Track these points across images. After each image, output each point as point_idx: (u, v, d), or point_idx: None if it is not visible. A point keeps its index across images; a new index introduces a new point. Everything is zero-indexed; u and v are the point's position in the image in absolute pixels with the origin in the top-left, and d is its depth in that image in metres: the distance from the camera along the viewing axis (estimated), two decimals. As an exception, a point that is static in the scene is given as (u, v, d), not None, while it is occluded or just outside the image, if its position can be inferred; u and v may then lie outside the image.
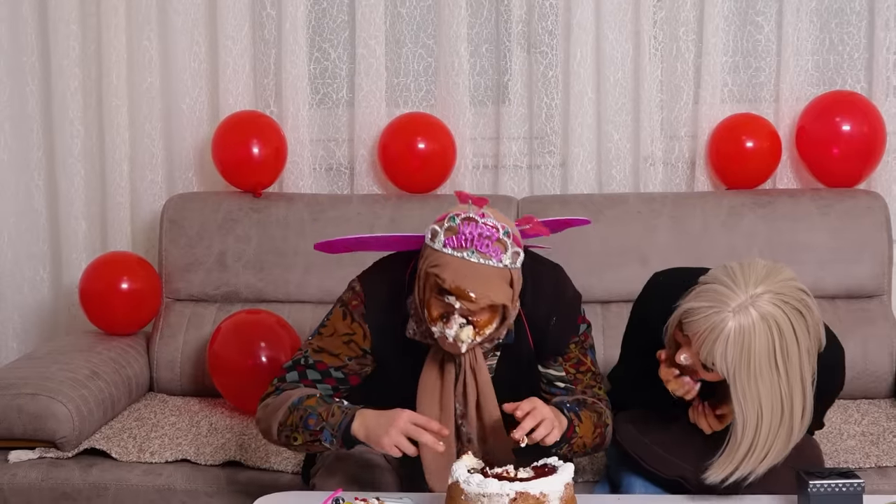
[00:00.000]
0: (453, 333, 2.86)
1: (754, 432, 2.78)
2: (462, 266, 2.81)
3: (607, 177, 4.25)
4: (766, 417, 2.77)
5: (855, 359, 3.90)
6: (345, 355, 3.05)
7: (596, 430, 3.01)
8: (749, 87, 4.25)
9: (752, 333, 2.71)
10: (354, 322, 3.04)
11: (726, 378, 2.75)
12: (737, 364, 2.72)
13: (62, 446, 3.57)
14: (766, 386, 2.74)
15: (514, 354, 3.06)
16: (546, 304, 3.04)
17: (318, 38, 4.35)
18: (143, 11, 4.32)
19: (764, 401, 2.75)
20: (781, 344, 2.73)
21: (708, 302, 2.75)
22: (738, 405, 2.76)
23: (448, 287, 2.80)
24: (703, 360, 2.77)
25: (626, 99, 4.22)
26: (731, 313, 2.72)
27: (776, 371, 2.74)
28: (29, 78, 4.42)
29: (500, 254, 2.82)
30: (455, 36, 4.21)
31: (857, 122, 4.07)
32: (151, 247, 4.34)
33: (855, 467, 3.35)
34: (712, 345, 2.72)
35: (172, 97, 4.36)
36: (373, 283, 3.07)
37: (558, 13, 4.24)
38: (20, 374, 3.71)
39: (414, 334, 3.00)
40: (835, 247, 3.97)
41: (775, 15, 4.18)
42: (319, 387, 3.05)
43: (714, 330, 2.72)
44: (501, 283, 2.84)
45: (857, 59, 4.19)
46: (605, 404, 3.11)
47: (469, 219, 2.83)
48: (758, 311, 2.71)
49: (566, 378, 3.10)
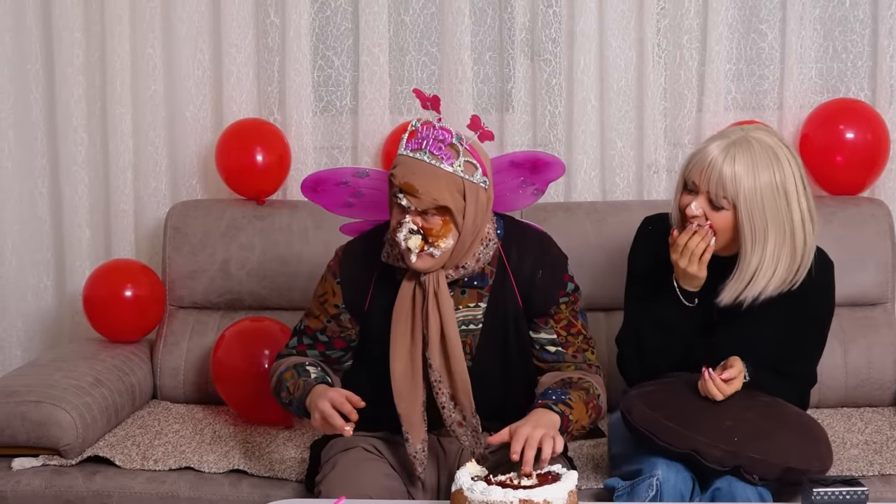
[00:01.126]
0: (403, 237, 2.97)
1: (762, 249, 3.07)
2: (413, 164, 2.96)
3: (611, 184, 4.25)
4: (770, 234, 3.06)
5: (859, 367, 3.91)
6: (324, 317, 3.22)
7: (589, 407, 3.06)
8: (753, 94, 4.25)
9: (754, 150, 3.04)
10: (327, 282, 3.22)
11: (735, 202, 3.04)
12: (742, 181, 3.03)
13: (66, 454, 3.57)
14: (769, 200, 3.04)
15: (500, 307, 3.14)
16: (531, 259, 3.15)
17: (322, 46, 4.36)
18: (146, 19, 4.33)
19: (769, 214, 3.05)
20: (779, 162, 3.06)
21: (709, 143, 3.10)
22: (748, 224, 3.05)
23: (397, 183, 2.95)
24: (712, 195, 3.06)
25: (629, 107, 4.23)
26: (731, 142, 3.07)
27: (777, 189, 3.05)
28: (33, 86, 4.43)
29: (451, 158, 2.97)
30: (458, 44, 4.21)
31: (860, 129, 4.07)
32: (155, 254, 4.35)
33: (858, 475, 3.35)
34: (720, 169, 3.04)
35: (176, 105, 4.36)
36: (353, 242, 3.26)
37: (562, 21, 4.24)
38: (24, 382, 3.71)
39: (387, 257, 3.12)
40: (838, 255, 3.91)
41: (779, 23, 4.19)
42: (310, 353, 3.24)
43: (720, 154, 3.05)
44: (450, 186, 2.96)
45: (860, 66, 4.20)
46: (594, 371, 3.19)
47: (427, 123, 3.00)
48: (754, 137, 3.07)
49: (557, 341, 3.17)
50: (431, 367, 3.09)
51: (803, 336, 3.26)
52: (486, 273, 3.12)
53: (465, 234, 3.01)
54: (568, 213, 4.02)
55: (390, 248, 3.11)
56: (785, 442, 3.05)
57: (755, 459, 3.00)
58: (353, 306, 3.18)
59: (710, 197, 3.08)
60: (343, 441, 3.22)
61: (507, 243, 3.14)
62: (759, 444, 3.02)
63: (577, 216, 4.03)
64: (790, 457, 3.03)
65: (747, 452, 3.00)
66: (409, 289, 3.08)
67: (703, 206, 3.10)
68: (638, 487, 3.05)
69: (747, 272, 3.11)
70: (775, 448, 3.03)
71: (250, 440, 3.70)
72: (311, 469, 3.31)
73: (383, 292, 3.14)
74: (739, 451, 3.00)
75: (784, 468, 3.01)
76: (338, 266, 3.21)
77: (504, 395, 3.17)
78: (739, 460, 3.00)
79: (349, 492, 2.97)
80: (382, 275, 3.15)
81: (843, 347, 3.91)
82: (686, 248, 3.11)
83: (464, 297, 3.13)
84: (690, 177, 3.11)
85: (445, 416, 3.11)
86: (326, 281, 3.23)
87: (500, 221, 3.18)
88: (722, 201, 3.06)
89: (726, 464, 3.01)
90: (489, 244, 3.10)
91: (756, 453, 3.01)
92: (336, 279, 3.20)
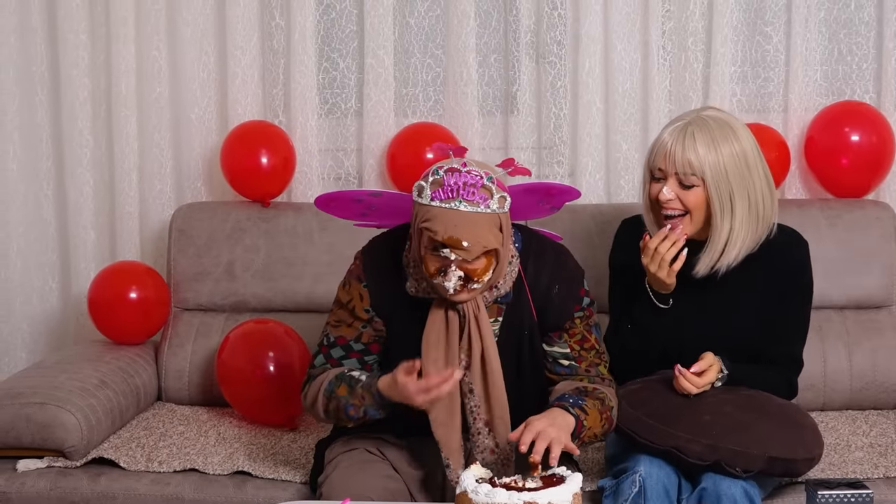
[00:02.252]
0: (452, 286, 2.93)
1: (730, 219, 3.20)
2: (452, 216, 2.89)
3: (616, 187, 4.25)
4: (737, 203, 3.20)
5: (864, 370, 3.90)
6: (358, 323, 3.14)
7: (602, 417, 3.06)
8: (758, 97, 4.24)
9: (710, 126, 3.19)
10: (353, 287, 3.15)
11: (703, 176, 3.16)
12: (705, 155, 3.16)
13: (70, 455, 3.57)
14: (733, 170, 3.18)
15: (516, 321, 3.12)
16: (548, 272, 3.13)
17: (327, 49, 4.36)
18: (152, 22, 4.33)
19: (734, 184, 3.18)
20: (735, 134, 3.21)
21: (664, 131, 3.24)
22: (716, 196, 3.18)
23: (441, 239, 2.88)
24: (681, 174, 3.18)
25: (634, 109, 4.23)
26: (686, 123, 3.21)
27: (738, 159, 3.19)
28: (38, 88, 4.43)
29: (486, 200, 2.91)
30: (464, 46, 4.21)
31: (865, 132, 4.06)
32: (160, 256, 4.35)
33: (863, 478, 3.34)
34: (683, 147, 3.17)
35: (181, 107, 4.37)
36: (371, 246, 3.20)
37: (567, 23, 4.24)
38: (29, 384, 3.71)
39: (416, 291, 3.07)
40: (843, 257, 3.96)
41: (784, 25, 4.18)
42: (346, 363, 3.14)
43: (679, 135, 3.19)
44: (492, 227, 2.92)
45: (865, 69, 4.19)
46: (607, 384, 3.17)
47: (452, 169, 2.92)
48: (707, 115, 3.23)
49: (570, 355, 3.16)
50: (472, 393, 3.06)
51: (784, 315, 3.34)
52: (509, 291, 3.10)
53: (503, 262, 2.99)
54: (573, 216, 4.01)
55: (417, 283, 3.07)
56: (765, 432, 3.10)
57: (735, 451, 3.06)
58: (385, 307, 3.13)
59: (679, 178, 3.20)
60: (345, 442, 3.23)
61: (525, 257, 3.12)
62: (737, 437, 3.07)
63: (581, 218, 4.03)
64: (770, 446, 3.07)
65: (726, 445, 3.06)
66: (440, 314, 3.04)
67: (674, 189, 3.21)
68: (622, 485, 3.10)
69: (719, 242, 3.23)
70: (755, 439, 3.07)
71: (255, 442, 3.70)
72: (315, 469, 3.31)
73: (411, 303, 3.09)
74: (718, 445, 3.07)
75: (766, 458, 3.07)
76: (362, 270, 3.15)
77: (515, 410, 3.12)
78: (719, 454, 3.06)
79: (351, 493, 2.97)
80: (407, 297, 3.10)
81: (847, 350, 3.91)
82: (657, 252, 3.20)
83: None
84: (655, 164, 3.24)
85: (479, 443, 3.09)
86: (351, 286, 3.15)
87: (517, 234, 3.15)
88: (691, 178, 3.19)
89: (706, 458, 3.07)
90: (513, 260, 3.08)
91: (735, 445, 3.06)
92: (362, 283, 3.13)
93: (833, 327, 3.95)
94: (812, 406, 3.83)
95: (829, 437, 3.62)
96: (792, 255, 3.36)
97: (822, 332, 3.91)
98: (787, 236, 3.38)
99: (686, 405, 3.17)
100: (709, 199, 3.20)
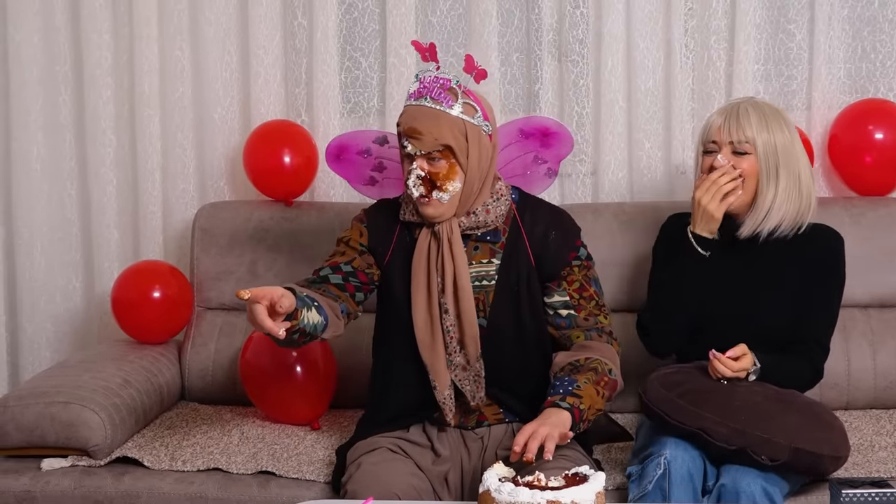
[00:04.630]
0: (412, 183, 3.13)
1: (775, 187, 3.37)
2: (415, 110, 3.16)
3: (639, 185, 4.24)
4: (782, 174, 3.37)
5: (888, 368, 3.89)
6: (350, 252, 3.32)
7: (600, 387, 3.13)
8: (781, 95, 4.23)
9: (761, 108, 3.40)
10: (353, 228, 3.36)
11: (755, 144, 3.35)
12: (757, 126, 3.35)
13: (94, 454, 3.58)
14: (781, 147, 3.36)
15: (514, 266, 3.26)
16: (544, 222, 3.31)
17: (350, 48, 4.36)
18: (174, 21, 4.34)
19: (781, 158, 3.36)
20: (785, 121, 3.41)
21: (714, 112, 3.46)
22: (764, 164, 3.36)
23: (403, 130, 3.14)
24: (735, 142, 3.36)
25: (657, 108, 4.22)
26: (737, 103, 3.43)
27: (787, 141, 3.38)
28: (62, 87, 4.45)
29: (451, 101, 3.14)
30: (486, 45, 4.21)
31: (889, 130, 4.05)
32: (183, 255, 4.36)
33: (888, 476, 3.33)
34: (738, 117, 3.37)
35: (204, 107, 4.38)
36: (375, 203, 3.44)
37: (589, 22, 4.23)
38: (53, 383, 3.72)
39: (404, 215, 3.27)
40: (867, 255, 3.94)
41: (807, 23, 4.17)
42: (331, 278, 3.26)
43: (732, 110, 3.39)
44: (451, 127, 3.13)
45: (889, 66, 4.18)
46: (605, 339, 3.27)
47: (427, 71, 3.22)
48: (757, 102, 3.44)
49: (569, 303, 3.28)
50: (447, 313, 3.19)
51: (817, 300, 3.44)
52: (498, 230, 3.25)
53: (471, 176, 3.15)
54: (596, 214, 4.01)
55: (405, 206, 3.26)
56: (792, 423, 3.14)
57: (762, 439, 3.09)
58: (377, 252, 3.30)
59: (732, 147, 3.38)
60: (367, 443, 3.23)
61: (522, 207, 3.30)
62: (765, 424, 3.11)
63: (604, 217, 4.02)
64: (797, 438, 3.11)
65: (753, 431, 3.09)
66: (425, 241, 3.22)
67: (727, 157, 3.38)
68: (647, 467, 3.13)
69: (763, 207, 3.39)
70: (782, 428, 3.11)
71: (278, 441, 3.70)
72: (337, 472, 3.32)
73: (403, 250, 3.27)
74: (746, 430, 3.10)
75: (792, 449, 3.09)
76: (364, 215, 3.37)
77: (519, 362, 3.26)
78: (746, 439, 3.09)
79: (376, 491, 2.97)
80: (402, 234, 3.28)
81: (872, 348, 3.90)
82: (714, 183, 3.35)
83: (477, 252, 3.24)
84: (709, 138, 3.41)
85: (454, 360, 3.21)
86: (352, 228, 3.37)
87: (515, 190, 3.34)
88: (745, 146, 3.37)
89: (733, 442, 3.10)
90: (500, 199, 3.24)
91: (762, 432, 3.09)
92: (363, 223, 3.34)
93: (857, 325, 3.94)
94: (836, 405, 3.82)
95: (853, 436, 3.60)
96: (830, 247, 3.49)
97: (847, 330, 3.90)
98: (827, 230, 3.52)
99: (718, 390, 3.22)
100: (759, 165, 3.37)
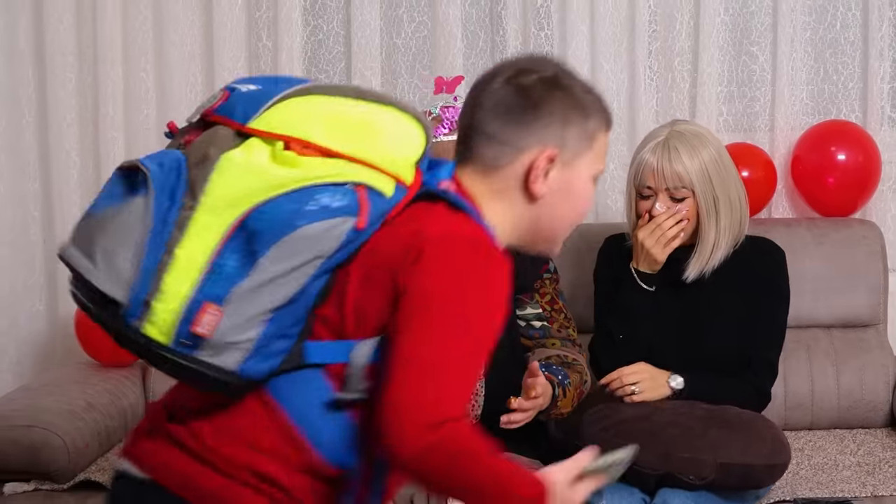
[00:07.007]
0: None
1: (716, 224, 3.32)
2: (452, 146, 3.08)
3: (603, 206, 4.25)
4: (721, 207, 3.31)
5: (851, 389, 3.90)
6: None
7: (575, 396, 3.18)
8: (744, 116, 4.25)
9: (686, 138, 3.32)
10: None
11: (693, 188, 3.28)
12: (691, 166, 3.28)
13: (57, 478, 3.56)
14: (715, 174, 3.30)
15: None
16: None
17: (315, 69, 4.36)
18: (139, 43, 4.32)
19: (717, 188, 3.30)
20: (707, 140, 3.35)
21: (643, 149, 3.36)
22: (704, 203, 3.30)
23: None
24: (672, 189, 3.30)
25: (621, 129, 4.22)
26: (665, 139, 3.32)
27: (717, 162, 3.31)
28: (25, 110, 4.41)
29: None
30: (451, 66, 4.21)
31: (852, 151, 4.07)
32: (147, 279, 4.33)
33: (851, 497, 3.34)
34: (671, 163, 3.28)
35: (169, 129, 4.36)
36: None
37: (553, 44, 4.24)
38: (15, 406, 3.70)
39: None
40: (830, 276, 3.96)
41: (770, 45, 4.19)
42: None
43: (662, 152, 3.30)
44: None
45: (851, 88, 4.20)
46: (578, 350, 3.30)
47: (447, 106, 3.18)
48: (680, 129, 3.36)
49: (543, 315, 3.30)
50: None
51: (761, 319, 3.39)
52: None
53: None
54: (560, 236, 4.01)
55: None
56: (717, 438, 3.11)
57: (684, 459, 3.07)
58: None
59: (669, 193, 3.31)
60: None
61: None
62: (688, 443, 3.09)
63: (571, 237, 3.96)
64: (721, 452, 3.08)
65: (677, 453, 3.08)
66: None
67: (666, 204, 3.32)
68: None
69: (707, 247, 3.35)
70: (706, 445, 3.09)
71: (242, 464, 3.68)
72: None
73: None
74: (669, 452, 3.08)
75: (717, 465, 3.07)
76: None
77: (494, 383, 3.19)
78: (671, 462, 3.07)
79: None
80: None
81: (835, 368, 3.91)
82: (659, 227, 3.29)
83: None
84: (643, 183, 3.34)
85: None
86: None
87: None
88: (682, 192, 3.31)
89: (658, 467, 3.07)
90: None
91: (686, 451, 3.07)
92: None
93: (820, 346, 3.95)
94: (800, 425, 3.84)
95: (816, 456, 3.63)
96: (770, 260, 3.47)
97: (810, 351, 3.92)
98: (765, 243, 3.50)
99: (642, 417, 3.19)
100: (699, 207, 3.32)
